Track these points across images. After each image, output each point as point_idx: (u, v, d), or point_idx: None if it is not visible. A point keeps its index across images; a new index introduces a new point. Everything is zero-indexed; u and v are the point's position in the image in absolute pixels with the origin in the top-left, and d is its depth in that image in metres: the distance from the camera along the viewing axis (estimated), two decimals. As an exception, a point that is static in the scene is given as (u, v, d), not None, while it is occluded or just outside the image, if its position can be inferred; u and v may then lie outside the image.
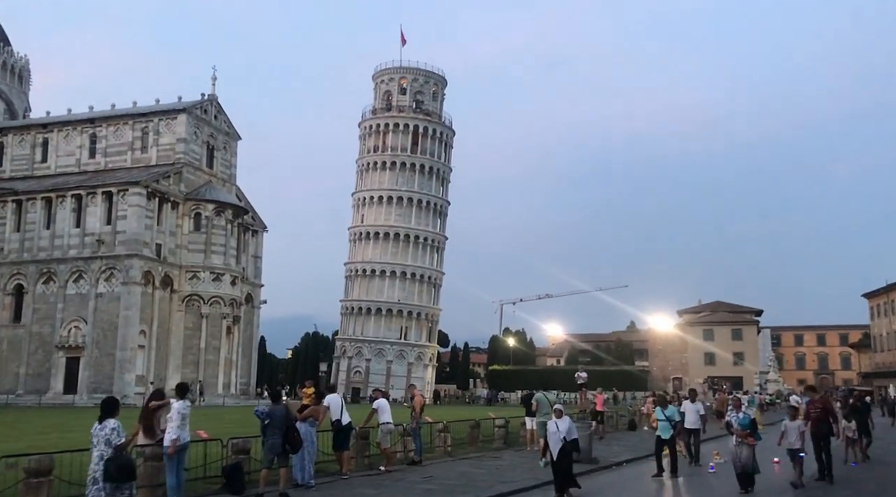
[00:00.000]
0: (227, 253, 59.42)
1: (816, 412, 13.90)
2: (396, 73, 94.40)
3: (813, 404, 14.34)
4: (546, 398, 16.96)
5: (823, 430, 13.81)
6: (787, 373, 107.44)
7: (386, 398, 14.84)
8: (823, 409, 14.00)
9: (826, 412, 13.95)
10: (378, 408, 13.93)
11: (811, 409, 14.21)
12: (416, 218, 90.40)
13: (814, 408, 14.09)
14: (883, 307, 76.81)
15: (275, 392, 11.26)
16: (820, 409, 13.93)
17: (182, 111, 59.20)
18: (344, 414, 12.83)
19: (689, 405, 16.94)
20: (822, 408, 14.01)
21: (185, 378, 56.13)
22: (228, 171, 64.65)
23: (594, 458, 16.55)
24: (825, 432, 13.83)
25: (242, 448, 11.12)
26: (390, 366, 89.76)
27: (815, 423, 13.74)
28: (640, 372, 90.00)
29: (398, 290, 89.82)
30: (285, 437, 10.34)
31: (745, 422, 12.28)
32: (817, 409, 13.95)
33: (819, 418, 13.78)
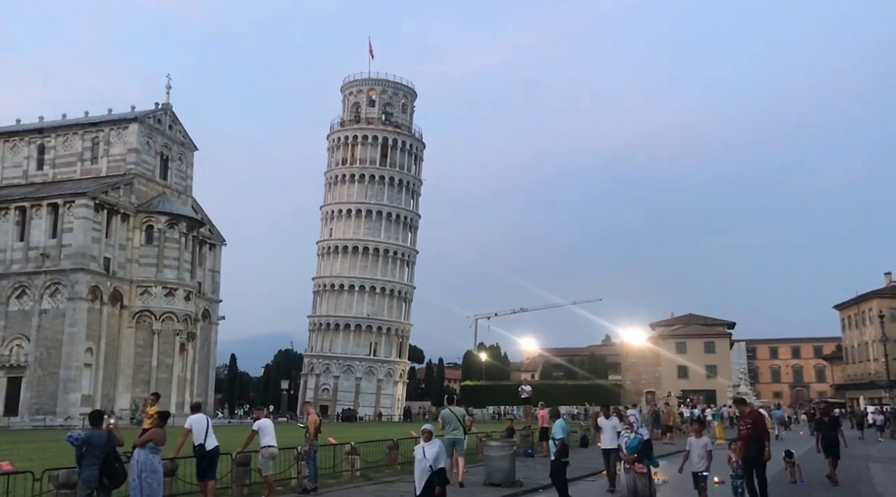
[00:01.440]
0: (181, 267, 57.25)
1: (746, 429, 11.71)
2: (365, 84, 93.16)
3: (742, 420, 12.02)
4: (453, 414, 15.14)
5: (753, 451, 11.55)
6: (762, 386, 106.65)
7: (269, 417, 12.97)
8: (753, 425, 11.73)
9: (757, 429, 11.74)
10: (259, 429, 12.15)
11: (741, 425, 11.98)
12: (385, 231, 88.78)
13: (743, 424, 11.85)
14: (854, 319, 75.94)
15: (95, 414, 9.41)
16: (749, 426, 11.69)
17: (133, 120, 57.22)
18: (209, 437, 11.07)
19: (603, 422, 14.80)
20: (752, 424, 11.75)
21: (135, 397, 53.91)
22: (184, 183, 62.60)
23: (517, 481, 14.84)
24: (755, 454, 11.59)
25: (66, 482, 9.26)
26: (359, 382, 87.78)
27: (745, 443, 11.63)
28: (613, 386, 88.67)
29: (367, 305, 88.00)
30: (103, 468, 8.60)
31: (634, 444, 9.72)
32: (747, 426, 11.72)
33: (749, 436, 11.62)
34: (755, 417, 12.03)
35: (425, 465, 8.79)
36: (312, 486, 13.22)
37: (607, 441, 14.09)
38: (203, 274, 64.18)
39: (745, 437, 11.68)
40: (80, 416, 48.91)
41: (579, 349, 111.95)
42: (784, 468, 16.40)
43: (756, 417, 12.04)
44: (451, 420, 15.13)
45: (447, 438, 15.17)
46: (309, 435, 13.36)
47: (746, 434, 11.65)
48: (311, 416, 13.57)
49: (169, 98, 60.77)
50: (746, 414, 12.02)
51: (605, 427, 14.44)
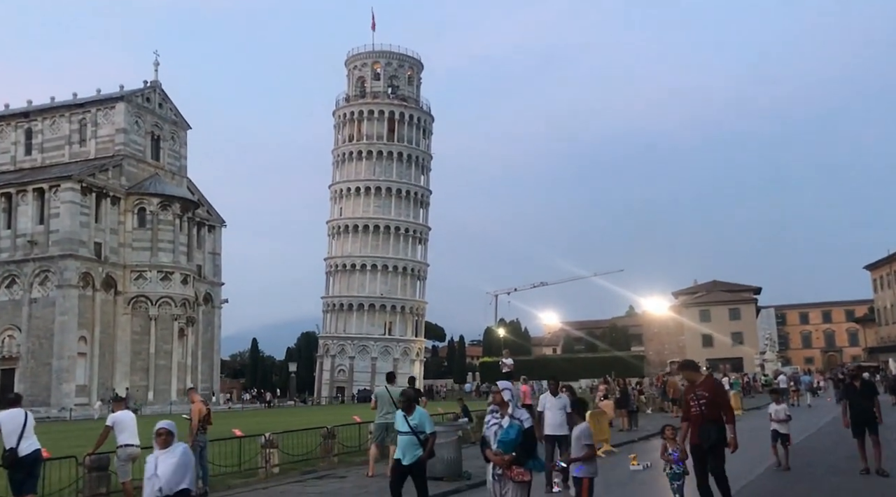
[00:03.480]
0: (177, 250, 55.31)
1: (698, 406, 7.99)
2: (370, 57, 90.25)
3: (691, 393, 8.22)
4: (388, 393, 12.74)
5: (708, 436, 7.87)
6: (793, 352, 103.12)
7: (124, 407, 10.30)
8: (710, 400, 7.99)
9: (714, 406, 8.00)
10: (114, 424, 9.74)
11: (689, 400, 8.18)
12: (396, 208, 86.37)
13: (693, 399, 8.08)
14: (886, 279, 72.12)
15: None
16: (704, 402, 7.96)
17: (120, 99, 55.06)
18: (26, 439, 8.52)
19: (548, 401, 11.42)
20: (709, 399, 7.99)
21: (133, 385, 52.39)
22: (178, 163, 60.50)
23: (464, 473, 12.35)
24: (712, 441, 7.87)
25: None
26: (375, 362, 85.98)
27: (696, 426, 7.98)
28: (634, 358, 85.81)
29: (380, 284, 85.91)
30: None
31: (510, 436, 6.12)
32: (699, 402, 7.98)
33: (703, 417, 7.92)
34: (712, 389, 8.16)
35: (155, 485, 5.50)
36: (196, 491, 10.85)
37: (552, 424, 10.99)
38: (203, 257, 62.29)
39: (697, 418, 7.95)
40: (74, 406, 47.56)
41: (601, 321, 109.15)
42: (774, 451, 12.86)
43: (714, 389, 8.18)
44: (385, 401, 12.69)
45: (378, 423, 12.77)
46: (192, 428, 11.00)
47: (698, 413, 7.94)
48: (195, 405, 11.19)
49: (157, 75, 58.63)
50: (700, 383, 8.17)
51: (550, 407, 11.20)
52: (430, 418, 8.73)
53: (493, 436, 6.30)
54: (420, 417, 8.50)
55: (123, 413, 10.02)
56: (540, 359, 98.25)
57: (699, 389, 8.13)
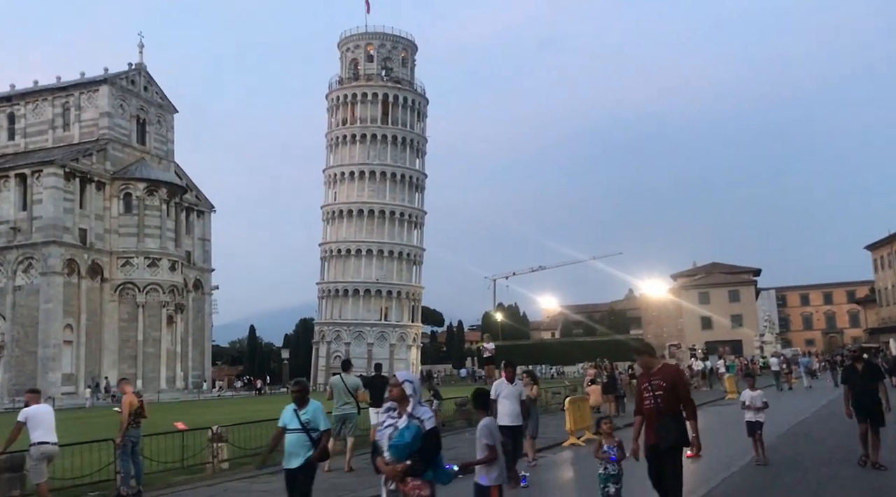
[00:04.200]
0: (164, 235, 54.31)
1: (652, 398, 6.60)
2: (363, 39, 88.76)
3: (644, 383, 6.80)
4: (343, 383, 11.78)
5: (666, 433, 6.47)
6: (794, 334, 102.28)
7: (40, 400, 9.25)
8: (667, 391, 6.57)
9: (672, 398, 6.58)
10: (27, 419, 8.74)
11: (643, 391, 6.79)
12: (391, 193, 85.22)
13: (648, 390, 6.68)
14: (887, 259, 71.03)
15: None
16: (661, 393, 6.57)
17: (104, 82, 53.85)
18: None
19: (503, 387, 10.15)
20: (666, 389, 6.57)
21: (122, 373, 51.42)
22: (165, 147, 59.36)
23: (420, 470, 11.41)
24: (671, 439, 6.48)
25: None
26: (371, 348, 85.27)
27: (651, 421, 6.60)
28: (633, 341, 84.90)
29: (376, 269, 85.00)
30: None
31: (404, 440, 4.93)
32: (654, 394, 6.59)
33: (659, 410, 6.54)
34: (671, 377, 6.69)
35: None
36: (128, 490, 9.94)
37: (508, 414, 9.77)
38: (192, 243, 61.31)
39: (652, 412, 6.59)
40: (61, 395, 46.79)
41: (599, 305, 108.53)
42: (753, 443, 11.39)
43: (672, 378, 6.71)
44: (341, 391, 11.71)
45: (335, 414, 11.80)
46: (122, 422, 10.06)
47: (653, 406, 6.57)
48: (126, 397, 10.24)
49: (143, 58, 57.30)
50: (656, 371, 6.73)
51: (505, 395, 9.93)
52: (324, 413, 7.38)
53: (386, 440, 5.03)
54: (313, 412, 7.14)
55: (38, 407, 9.06)
56: (538, 343, 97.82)
57: (655, 378, 6.67)
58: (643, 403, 6.80)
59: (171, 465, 11.89)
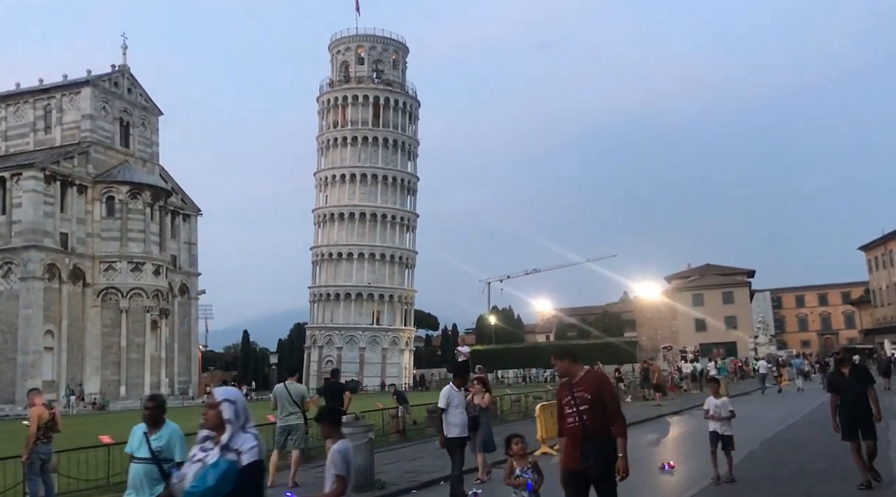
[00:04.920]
0: (148, 239, 53.43)
1: (576, 414, 5.46)
2: (353, 41, 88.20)
3: (567, 392, 5.58)
4: (287, 391, 10.89)
5: (591, 458, 5.32)
6: (789, 335, 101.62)
7: None
8: (593, 405, 5.43)
9: (598, 413, 5.42)
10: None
11: (565, 406, 5.56)
12: (382, 195, 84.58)
13: (571, 404, 5.51)
14: (881, 259, 70.41)
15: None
16: (586, 408, 5.43)
17: (86, 84, 53.00)
18: None
19: (453, 395, 9.07)
20: (592, 402, 5.44)
21: (105, 380, 50.74)
22: (149, 150, 58.50)
23: (376, 482, 10.58)
24: (600, 465, 5.34)
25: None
26: (363, 353, 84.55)
27: (573, 443, 5.45)
28: (626, 344, 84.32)
29: (368, 273, 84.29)
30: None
31: (205, 484, 3.61)
32: (577, 408, 5.46)
33: (584, 429, 5.39)
34: (597, 387, 5.47)
35: None
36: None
37: (456, 425, 8.81)
38: (178, 247, 60.43)
39: (576, 432, 5.42)
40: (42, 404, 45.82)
41: (593, 308, 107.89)
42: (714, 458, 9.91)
43: (598, 387, 5.48)
44: (285, 400, 10.84)
45: (279, 426, 10.95)
46: (29, 437, 9.28)
47: (576, 425, 5.40)
48: (34, 409, 9.46)
49: (126, 59, 56.47)
50: (579, 380, 5.52)
51: (455, 404, 8.94)
52: (183, 439, 5.64)
53: (188, 482, 3.81)
54: (169, 437, 5.52)
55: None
56: (532, 346, 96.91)
57: (579, 389, 5.43)
58: (565, 421, 5.51)
59: (96, 482, 11.05)
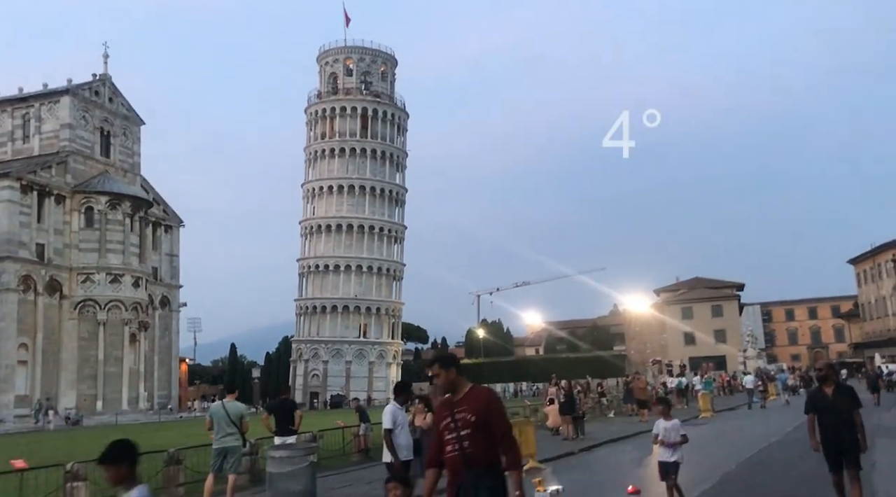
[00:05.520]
0: (127, 251, 52.48)
1: (457, 442, 4.53)
2: (342, 53, 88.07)
3: (447, 413, 4.61)
4: (224, 410, 10.08)
5: (477, 487, 4.42)
6: (779, 349, 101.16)
7: None
8: (477, 428, 4.47)
9: (485, 439, 4.48)
10: None
11: (443, 430, 4.62)
12: (370, 207, 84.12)
13: (451, 429, 4.55)
14: (870, 273, 70.06)
15: None
16: (469, 432, 4.48)
17: (65, 93, 52.21)
18: None
19: (398, 414, 8.52)
20: (475, 427, 4.47)
21: (81, 394, 49.64)
22: (130, 160, 57.66)
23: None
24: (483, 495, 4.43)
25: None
26: (349, 366, 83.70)
27: (454, 476, 4.56)
28: (615, 357, 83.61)
29: (355, 285, 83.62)
30: None
31: None
32: (460, 434, 4.51)
33: (466, 459, 4.47)
34: (482, 407, 4.55)
35: None
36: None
37: (405, 447, 8.10)
38: (159, 258, 59.49)
39: (456, 463, 4.53)
40: (13, 418, 44.82)
41: (582, 321, 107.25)
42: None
43: (483, 408, 4.54)
44: (222, 420, 10.04)
45: (214, 448, 10.16)
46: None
47: (457, 454, 4.52)
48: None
49: (107, 68, 55.73)
50: (461, 398, 4.60)
51: (401, 422, 8.29)
52: None
53: None
54: None
55: None
56: (520, 359, 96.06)
57: (461, 409, 4.52)
58: (444, 449, 4.55)
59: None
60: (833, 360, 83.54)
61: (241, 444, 10.12)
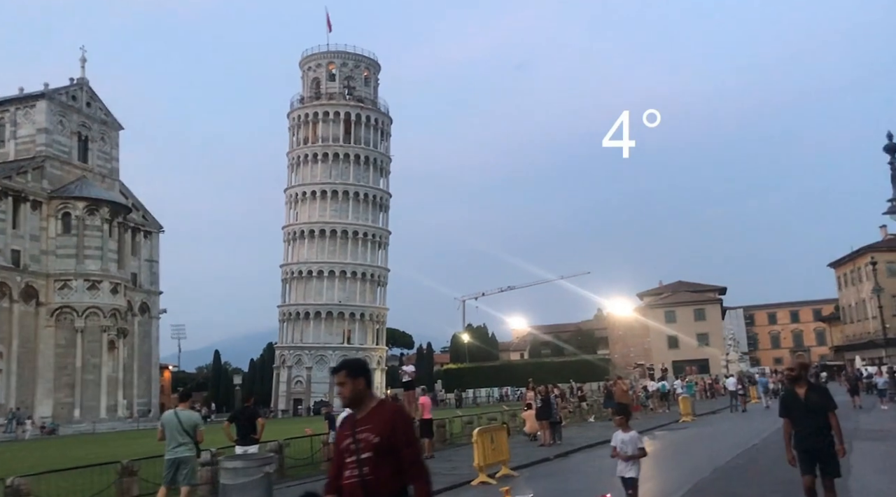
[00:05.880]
0: (105, 257, 51.81)
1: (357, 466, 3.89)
2: (324, 58, 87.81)
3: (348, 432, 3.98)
4: (177, 418, 9.70)
5: None
6: (762, 352, 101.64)
7: None
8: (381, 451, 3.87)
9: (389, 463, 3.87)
10: None
11: (343, 451, 4.01)
12: (353, 212, 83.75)
13: (350, 449, 3.93)
14: (850, 276, 70.35)
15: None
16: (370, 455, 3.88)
17: (42, 97, 51.55)
18: None
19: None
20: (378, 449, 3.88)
21: (58, 403, 48.88)
22: (108, 165, 56.98)
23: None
24: None
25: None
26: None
27: None
28: (599, 361, 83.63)
29: (339, 291, 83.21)
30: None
31: None
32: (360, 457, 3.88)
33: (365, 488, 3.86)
34: (387, 426, 3.93)
35: None
36: None
37: None
38: (139, 264, 58.79)
39: (356, 492, 3.91)
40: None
41: (567, 325, 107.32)
42: None
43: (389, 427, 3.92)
44: (174, 430, 9.66)
45: (166, 459, 9.79)
46: None
47: (356, 481, 3.90)
48: None
49: (84, 72, 55.06)
50: (366, 415, 3.99)
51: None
52: None
53: None
54: None
55: None
56: (505, 364, 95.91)
57: (363, 428, 3.93)
58: (343, 475, 3.94)
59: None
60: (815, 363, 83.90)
61: (196, 454, 9.77)
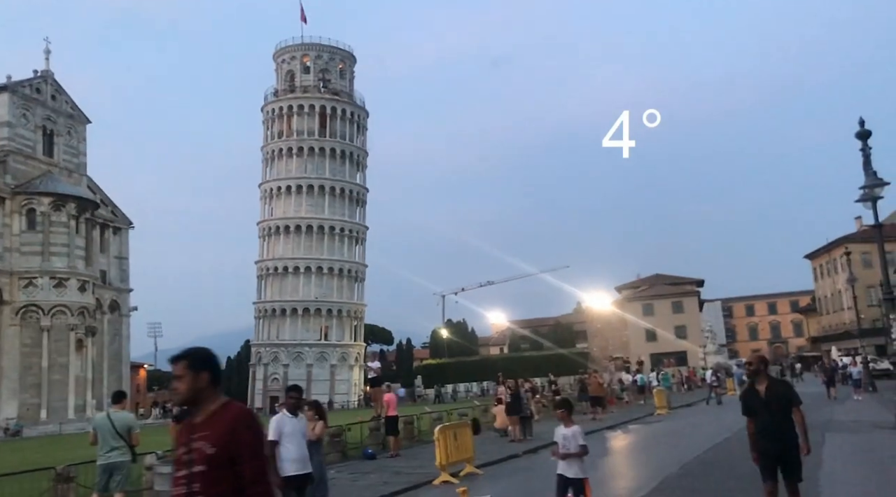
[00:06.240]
0: (73, 254, 50.61)
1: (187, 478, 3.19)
2: (298, 50, 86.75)
3: (185, 440, 3.30)
4: (110, 421, 8.98)
5: None
6: (741, 344, 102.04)
7: None
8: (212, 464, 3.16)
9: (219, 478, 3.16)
10: None
11: (177, 461, 3.32)
12: (330, 207, 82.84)
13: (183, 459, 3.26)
14: (826, 267, 70.69)
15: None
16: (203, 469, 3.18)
17: (3, 90, 50.17)
18: None
19: (286, 422, 7.55)
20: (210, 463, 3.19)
21: (23, 404, 47.70)
22: (75, 160, 55.68)
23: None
24: None
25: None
26: (311, 370, 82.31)
27: None
28: (577, 355, 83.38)
29: (315, 287, 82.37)
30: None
31: None
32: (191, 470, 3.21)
33: None
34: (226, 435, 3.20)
35: None
36: None
37: (291, 459, 7.17)
38: (108, 261, 57.59)
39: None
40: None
41: (546, 319, 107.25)
42: None
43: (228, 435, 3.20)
44: (107, 433, 8.99)
45: (99, 464, 9.11)
46: None
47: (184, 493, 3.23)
48: None
49: (49, 64, 53.68)
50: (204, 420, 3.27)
51: (288, 433, 7.35)
52: None
53: None
54: None
55: None
56: (484, 359, 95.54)
57: (199, 435, 3.23)
58: (177, 485, 3.26)
59: None
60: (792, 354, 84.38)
61: (131, 459, 9.11)
